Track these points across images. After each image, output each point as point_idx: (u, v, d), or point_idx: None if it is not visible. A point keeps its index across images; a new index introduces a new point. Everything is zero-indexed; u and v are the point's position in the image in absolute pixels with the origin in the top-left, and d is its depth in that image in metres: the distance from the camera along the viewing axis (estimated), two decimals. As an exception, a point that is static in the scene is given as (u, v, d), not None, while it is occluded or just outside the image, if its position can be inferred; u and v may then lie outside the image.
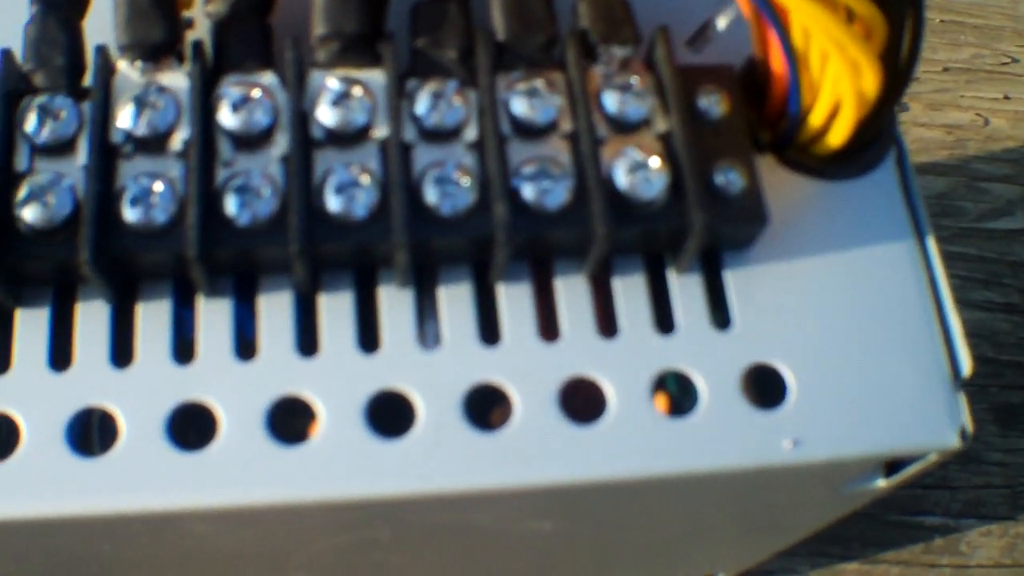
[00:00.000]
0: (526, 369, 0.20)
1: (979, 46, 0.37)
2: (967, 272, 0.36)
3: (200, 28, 0.21)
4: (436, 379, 0.20)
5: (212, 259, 0.20)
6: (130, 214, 0.19)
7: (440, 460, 0.20)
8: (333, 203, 0.20)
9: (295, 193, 0.20)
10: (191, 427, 0.20)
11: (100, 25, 0.21)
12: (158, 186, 0.20)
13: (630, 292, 0.21)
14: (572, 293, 0.21)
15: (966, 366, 0.21)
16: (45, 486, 0.19)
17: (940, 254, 0.22)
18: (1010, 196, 0.36)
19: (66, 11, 0.21)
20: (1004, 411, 0.34)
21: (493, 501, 0.21)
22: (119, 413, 0.20)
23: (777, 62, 0.21)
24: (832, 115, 0.22)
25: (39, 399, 0.20)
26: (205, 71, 0.20)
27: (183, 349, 0.20)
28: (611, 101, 0.21)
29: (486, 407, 0.21)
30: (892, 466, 0.23)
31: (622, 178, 0.20)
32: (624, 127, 0.21)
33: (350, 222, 0.20)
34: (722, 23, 0.23)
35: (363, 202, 0.20)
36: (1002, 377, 0.34)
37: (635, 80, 0.21)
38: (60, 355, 0.20)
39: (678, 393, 0.21)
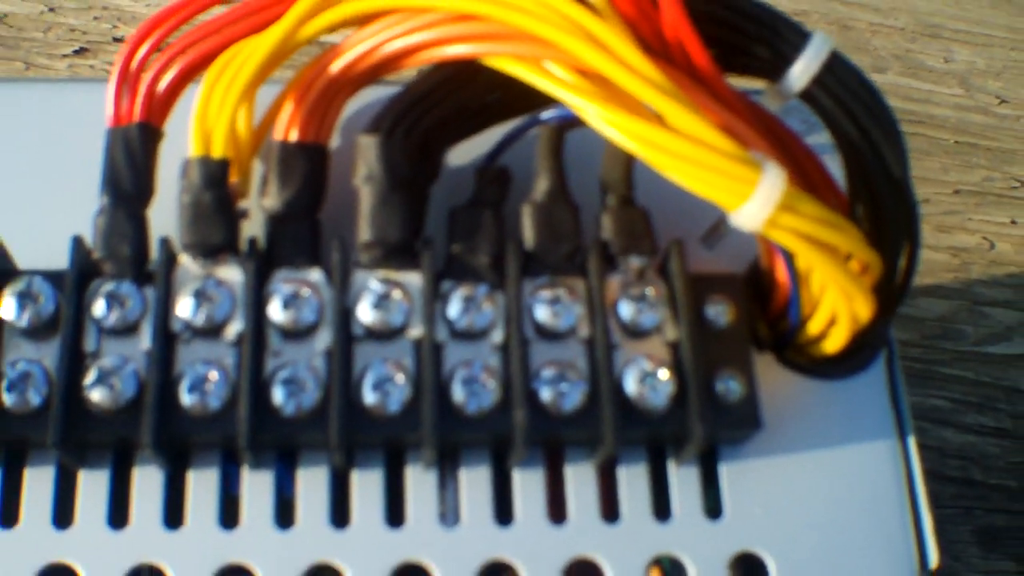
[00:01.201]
0: (535, 548, 0.24)
1: (991, 168, 0.41)
2: (962, 396, 0.39)
3: (256, 219, 0.25)
4: (454, 554, 0.24)
5: (260, 444, 0.23)
6: (187, 399, 0.23)
7: (453, 632, 0.23)
8: (370, 398, 0.23)
9: (336, 389, 0.23)
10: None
11: (162, 214, 0.24)
12: (213, 374, 0.23)
13: (633, 480, 0.25)
14: (580, 480, 0.25)
15: (933, 559, 0.25)
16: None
17: (919, 453, 0.26)
18: (1010, 322, 0.39)
19: (133, 204, 0.24)
20: (987, 533, 0.37)
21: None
22: (169, 571, 0.24)
23: (781, 275, 0.25)
24: (829, 326, 0.25)
25: (98, 554, 0.24)
26: (259, 268, 0.24)
27: (229, 514, 0.24)
28: (626, 310, 0.24)
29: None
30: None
31: (632, 386, 0.24)
32: (637, 334, 0.24)
33: (384, 416, 0.23)
34: (733, 223, 0.26)
35: (397, 398, 0.23)
36: (988, 500, 0.38)
37: (650, 291, 0.24)
38: (118, 515, 0.24)
39: (671, 569, 0.25)
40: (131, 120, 0.24)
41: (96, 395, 0.23)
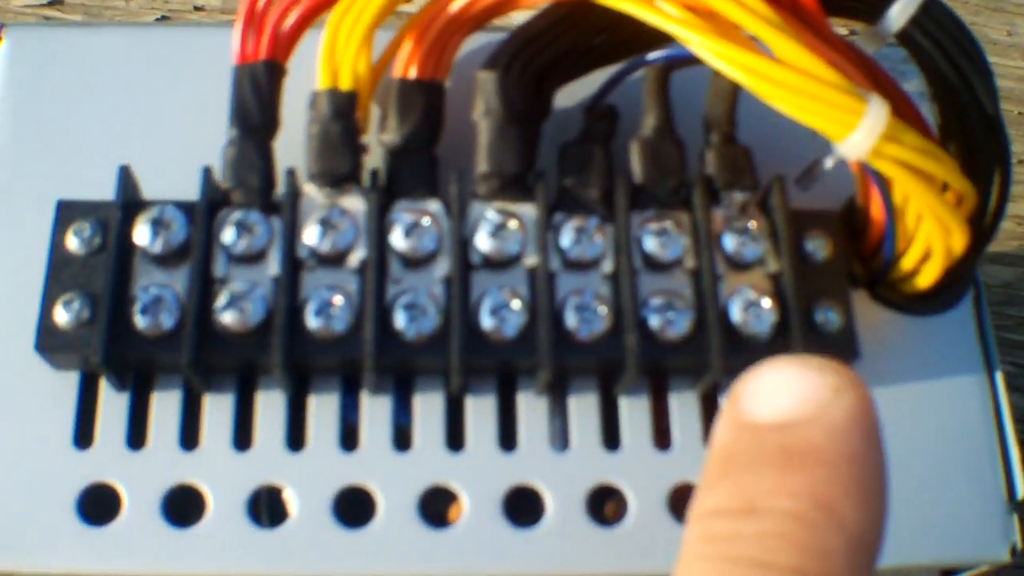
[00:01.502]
0: (642, 473, 0.25)
1: (1055, 139, 0.42)
2: (1029, 361, 0.40)
3: (374, 154, 0.26)
4: (564, 478, 0.25)
5: (383, 367, 0.24)
6: (313, 323, 0.24)
7: (565, 550, 0.25)
8: (487, 323, 0.25)
9: (456, 313, 0.24)
10: (354, 507, 0.25)
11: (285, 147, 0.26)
12: (338, 299, 0.25)
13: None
14: (685, 408, 0.26)
15: (1022, 490, 0.26)
16: (227, 553, 0.24)
17: (1006, 388, 0.27)
18: (1073, 288, 0.41)
19: (260, 136, 0.25)
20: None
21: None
22: (292, 492, 0.25)
23: (876, 211, 0.26)
24: (922, 262, 0.26)
25: (223, 475, 0.25)
26: (381, 199, 0.25)
27: (348, 437, 0.25)
28: (730, 242, 0.26)
29: (604, 503, 0.26)
30: (948, 573, 0.28)
31: (737, 314, 0.25)
32: (740, 266, 0.26)
33: (501, 341, 0.25)
34: (829, 163, 0.27)
35: (513, 323, 0.25)
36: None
37: (752, 224, 0.26)
38: (242, 437, 0.25)
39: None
40: (257, 57, 0.25)
41: (227, 318, 0.24)
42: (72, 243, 0.25)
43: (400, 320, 0.24)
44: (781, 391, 0.19)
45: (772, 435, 0.19)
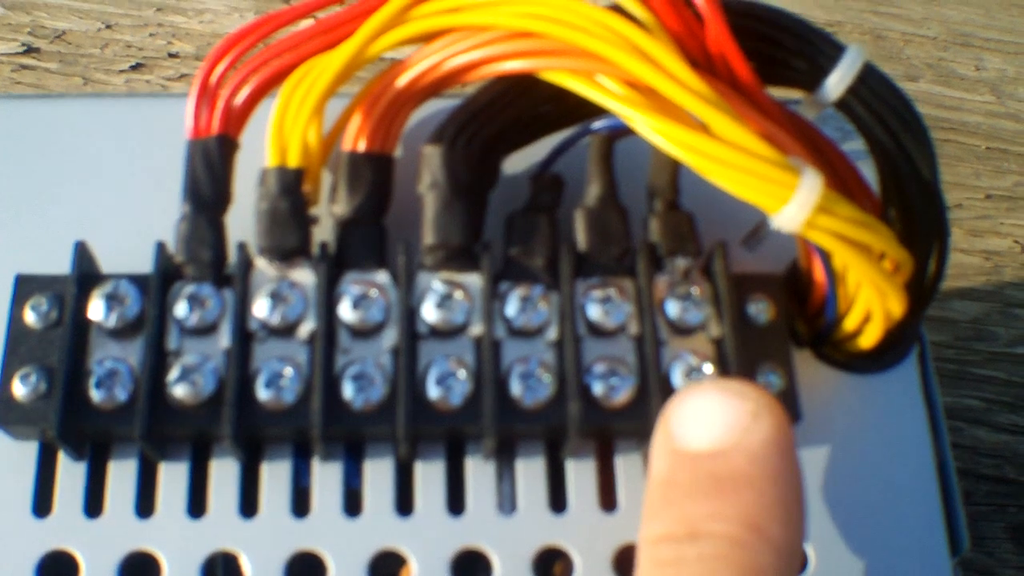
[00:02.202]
0: (588, 535, 0.26)
1: (1022, 174, 0.43)
2: (995, 395, 0.41)
3: (325, 224, 0.27)
4: (511, 540, 0.26)
5: (331, 436, 0.25)
6: (264, 394, 0.25)
7: (513, 612, 0.26)
8: (434, 392, 0.25)
9: (403, 384, 0.25)
10: (306, 572, 0.26)
11: (237, 220, 0.27)
12: (287, 371, 0.25)
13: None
14: (630, 471, 0.27)
15: (966, 544, 0.27)
16: (183, 616, 0.25)
17: (949, 442, 0.28)
18: (1041, 323, 0.41)
19: (213, 211, 0.26)
20: (1021, 530, 0.39)
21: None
22: (245, 558, 0.26)
23: (819, 275, 0.27)
24: (863, 323, 0.27)
25: (178, 541, 0.26)
26: (330, 271, 0.26)
27: (300, 503, 0.26)
28: (673, 308, 0.26)
29: (551, 565, 0.27)
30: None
31: (679, 379, 0.26)
32: (683, 331, 0.27)
33: (448, 409, 0.25)
34: (774, 224, 0.28)
35: (459, 392, 0.25)
36: (1021, 497, 0.40)
37: (695, 290, 0.27)
38: (196, 504, 0.26)
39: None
40: (210, 132, 0.26)
41: (179, 391, 0.25)
42: (30, 317, 0.26)
43: (348, 390, 0.25)
44: (706, 418, 0.22)
45: (703, 463, 0.22)
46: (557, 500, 0.27)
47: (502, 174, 0.28)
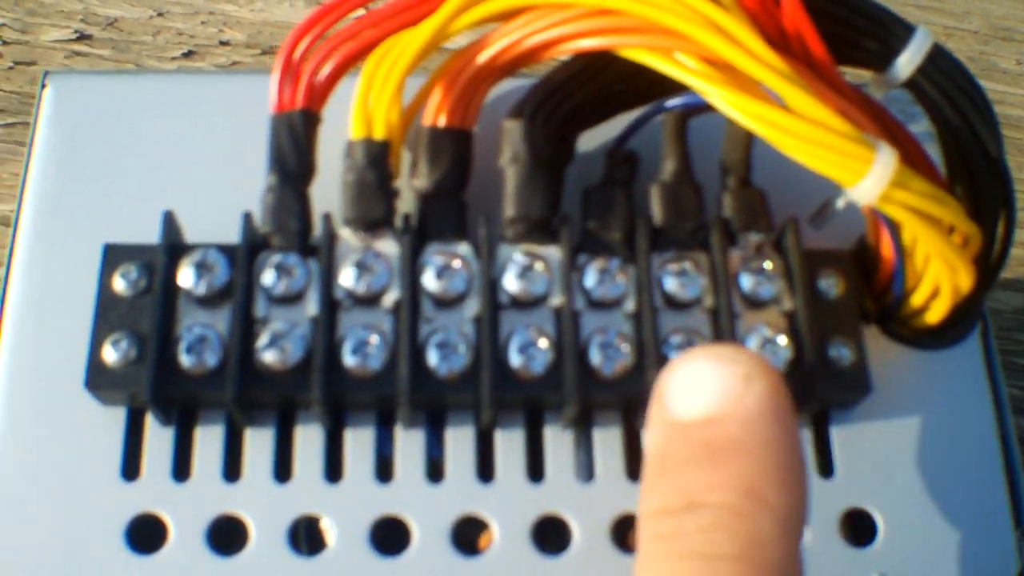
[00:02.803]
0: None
1: (1064, 167, 0.44)
2: (1039, 386, 0.42)
3: (405, 198, 0.28)
4: (589, 507, 0.27)
5: (416, 402, 0.26)
6: (350, 360, 0.26)
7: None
8: (516, 360, 0.26)
9: (487, 351, 0.26)
10: (390, 536, 0.27)
11: (321, 190, 0.28)
12: (373, 338, 0.26)
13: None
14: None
15: (1029, 516, 0.28)
16: (269, 579, 0.26)
17: (1013, 415, 0.29)
18: (1084, 313, 0.42)
19: (298, 182, 0.27)
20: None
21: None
22: (331, 522, 0.27)
23: (887, 251, 0.28)
24: (930, 299, 0.28)
25: (265, 505, 0.27)
26: (414, 242, 0.27)
27: (384, 469, 0.27)
28: (747, 282, 0.27)
29: (629, 532, 0.27)
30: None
31: (753, 350, 0.27)
32: (756, 304, 0.27)
33: (529, 377, 0.26)
34: (841, 203, 0.29)
35: (540, 360, 0.26)
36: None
37: (767, 264, 0.28)
38: (282, 469, 0.27)
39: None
40: (293, 107, 0.27)
41: (268, 357, 0.26)
42: (119, 285, 0.27)
43: (433, 358, 0.26)
44: (698, 386, 0.22)
45: (697, 432, 0.22)
46: (633, 469, 0.27)
47: (576, 151, 0.29)
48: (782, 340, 0.27)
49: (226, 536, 0.27)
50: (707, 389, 0.22)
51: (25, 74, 0.45)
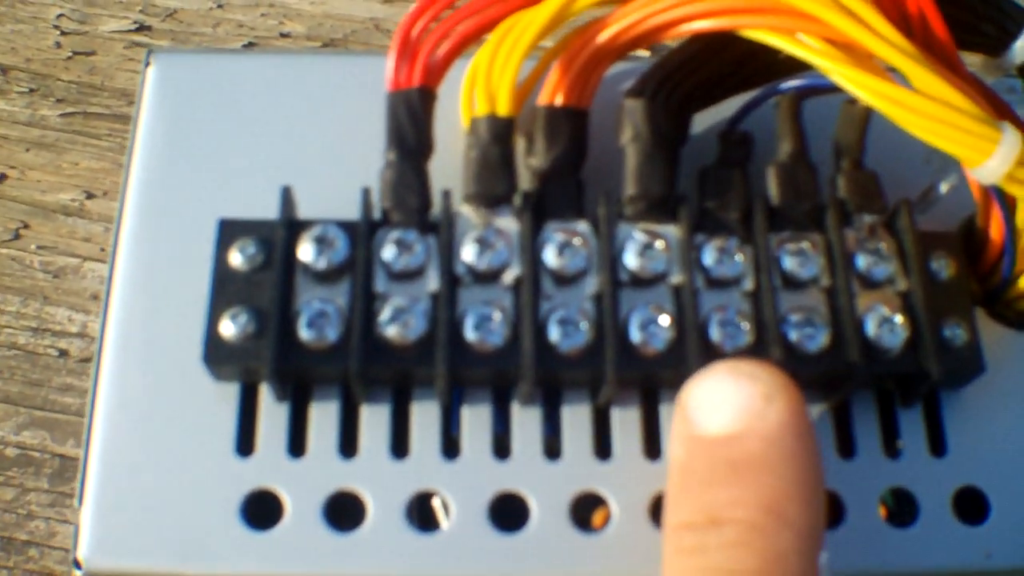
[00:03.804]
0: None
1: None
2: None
3: (519, 177, 0.28)
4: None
5: (538, 378, 0.26)
6: (472, 336, 0.26)
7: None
8: (636, 337, 0.26)
9: (609, 327, 0.26)
10: (508, 513, 0.26)
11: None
12: (496, 314, 0.26)
13: (863, 421, 0.28)
14: (817, 419, 0.28)
15: None
16: (387, 557, 0.26)
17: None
18: None
19: (417, 159, 0.27)
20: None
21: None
22: (449, 498, 0.26)
23: (996, 232, 0.28)
24: (1038, 281, 0.28)
25: (382, 481, 0.26)
26: (534, 219, 0.27)
27: (500, 446, 0.27)
28: (862, 262, 0.27)
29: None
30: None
31: (872, 329, 0.27)
32: (870, 284, 0.28)
33: (650, 354, 0.26)
34: (945, 188, 0.30)
35: (661, 337, 0.26)
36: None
37: (882, 245, 0.28)
38: (399, 445, 0.27)
39: (894, 506, 0.28)
40: (410, 84, 0.27)
41: (391, 331, 0.26)
42: (235, 260, 0.26)
43: (554, 334, 0.26)
44: (720, 402, 0.23)
45: (720, 449, 0.22)
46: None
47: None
48: (899, 319, 0.27)
49: (343, 512, 0.26)
50: (729, 405, 0.23)
51: (84, 64, 0.45)
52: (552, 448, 0.27)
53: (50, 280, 0.44)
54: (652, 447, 0.27)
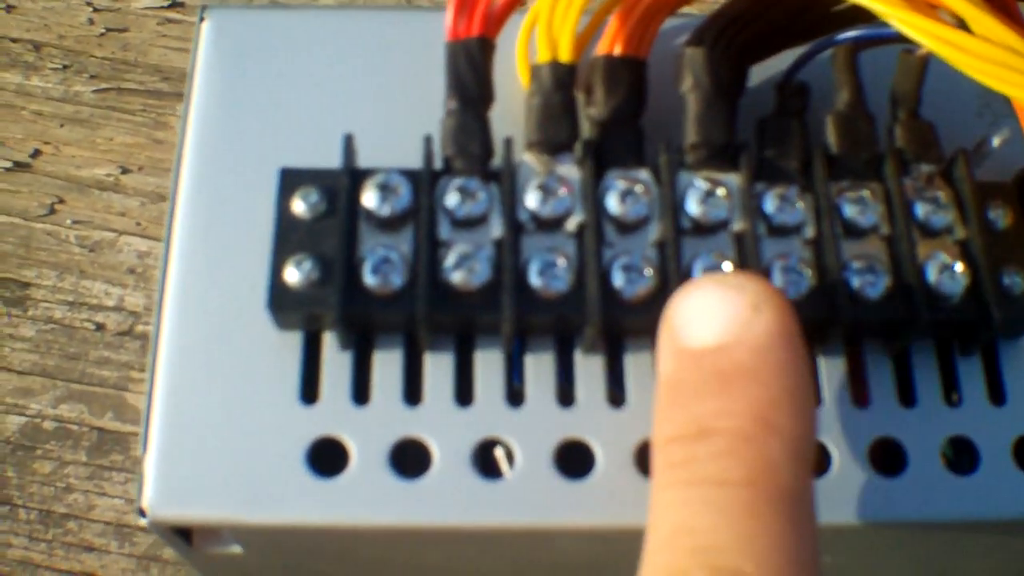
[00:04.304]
0: (842, 428, 0.27)
1: None
2: None
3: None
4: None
5: (606, 325, 0.26)
6: (537, 282, 0.26)
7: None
8: (700, 283, 0.26)
9: (673, 273, 0.26)
10: (574, 460, 0.26)
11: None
12: (560, 260, 0.26)
13: (924, 370, 0.28)
14: (878, 367, 0.28)
15: None
16: (453, 504, 0.26)
17: None
18: None
19: (478, 107, 0.27)
20: None
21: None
22: (515, 445, 0.26)
23: (1051, 183, 0.28)
24: (1093, 232, 0.28)
25: (447, 429, 0.26)
26: (596, 166, 0.27)
27: (564, 394, 0.27)
28: (920, 211, 0.27)
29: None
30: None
31: (933, 276, 0.27)
32: (929, 233, 0.27)
33: (713, 300, 0.26)
34: (997, 141, 0.30)
35: (724, 284, 0.26)
36: None
37: (940, 194, 0.28)
38: (463, 393, 0.27)
39: (952, 455, 0.28)
40: (469, 34, 0.27)
41: (456, 277, 0.26)
42: (298, 208, 0.26)
43: (619, 280, 0.26)
44: (707, 314, 0.22)
45: (708, 360, 0.22)
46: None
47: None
48: (959, 267, 0.27)
49: (408, 459, 0.26)
50: (716, 317, 0.22)
51: (117, 40, 0.45)
52: (615, 396, 0.27)
53: (86, 254, 0.43)
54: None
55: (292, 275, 0.26)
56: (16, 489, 0.41)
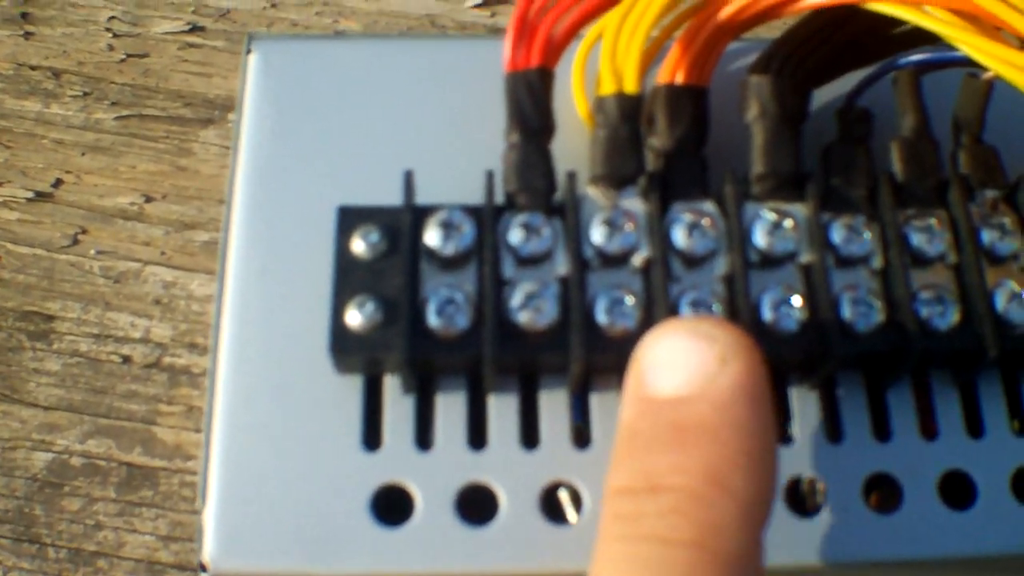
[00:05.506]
0: (911, 461, 0.26)
1: None
2: None
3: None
4: (838, 468, 0.26)
5: (674, 362, 0.25)
6: (604, 319, 0.25)
7: (840, 536, 0.25)
8: (769, 317, 0.25)
9: (743, 308, 0.25)
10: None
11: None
12: (629, 298, 0.25)
13: (989, 397, 0.27)
14: (945, 399, 0.27)
15: None
16: (522, 550, 0.25)
17: None
18: None
19: (540, 140, 0.26)
20: None
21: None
22: (583, 488, 0.25)
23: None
24: None
25: (513, 473, 0.25)
26: (662, 200, 0.26)
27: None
28: (986, 238, 0.27)
29: (872, 491, 0.26)
30: None
31: (1002, 304, 0.26)
32: (995, 260, 0.27)
33: (782, 334, 0.25)
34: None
35: (794, 318, 0.25)
36: None
37: (1006, 220, 0.27)
38: (529, 435, 0.26)
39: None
40: (529, 65, 0.26)
41: (523, 317, 0.25)
42: (358, 247, 0.25)
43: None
44: (674, 363, 0.21)
45: (667, 411, 0.21)
46: (880, 428, 0.26)
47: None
48: (1028, 295, 0.26)
49: (475, 505, 0.25)
50: (682, 366, 0.21)
51: (137, 66, 0.44)
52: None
53: (111, 285, 0.42)
54: (781, 431, 0.26)
55: (354, 318, 0.25)
56: (44, 527, 0.39)
